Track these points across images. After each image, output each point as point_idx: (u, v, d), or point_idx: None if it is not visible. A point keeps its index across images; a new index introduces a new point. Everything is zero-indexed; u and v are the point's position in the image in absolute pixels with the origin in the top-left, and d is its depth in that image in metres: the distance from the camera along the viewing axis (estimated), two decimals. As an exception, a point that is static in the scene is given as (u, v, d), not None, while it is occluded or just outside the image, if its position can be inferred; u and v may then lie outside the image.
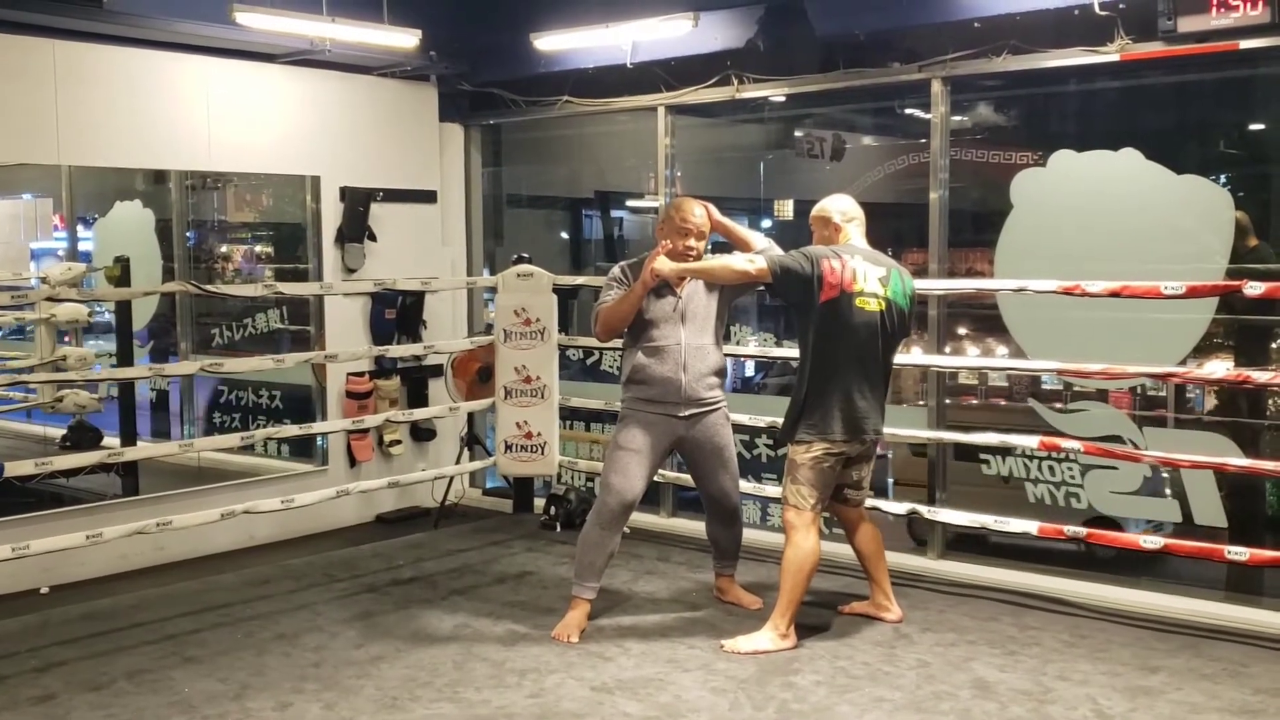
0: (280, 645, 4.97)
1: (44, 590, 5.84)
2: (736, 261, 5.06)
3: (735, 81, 6.62)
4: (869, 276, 4.81)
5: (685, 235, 5.13)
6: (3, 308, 7.11)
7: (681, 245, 5.13)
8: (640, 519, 7.07)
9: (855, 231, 5.01)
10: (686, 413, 5.16)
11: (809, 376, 4.85)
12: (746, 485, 6.46)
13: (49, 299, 6.15)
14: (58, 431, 7.42)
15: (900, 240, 7.16)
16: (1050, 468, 5.82)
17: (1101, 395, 5.82)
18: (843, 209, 5.06)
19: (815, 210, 5.12)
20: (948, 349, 6.17)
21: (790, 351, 6.71)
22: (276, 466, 7.48)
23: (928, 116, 6.05)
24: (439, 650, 4.90)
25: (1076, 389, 5.89)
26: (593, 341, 7.45)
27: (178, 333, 8.21)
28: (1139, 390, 5.81)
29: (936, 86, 5.97)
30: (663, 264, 5.01)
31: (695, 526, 6.77)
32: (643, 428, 5.13)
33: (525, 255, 7.11)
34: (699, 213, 5.18)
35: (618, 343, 5.42)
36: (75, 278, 6.67)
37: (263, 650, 4.91)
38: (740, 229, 5.42)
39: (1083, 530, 5.29)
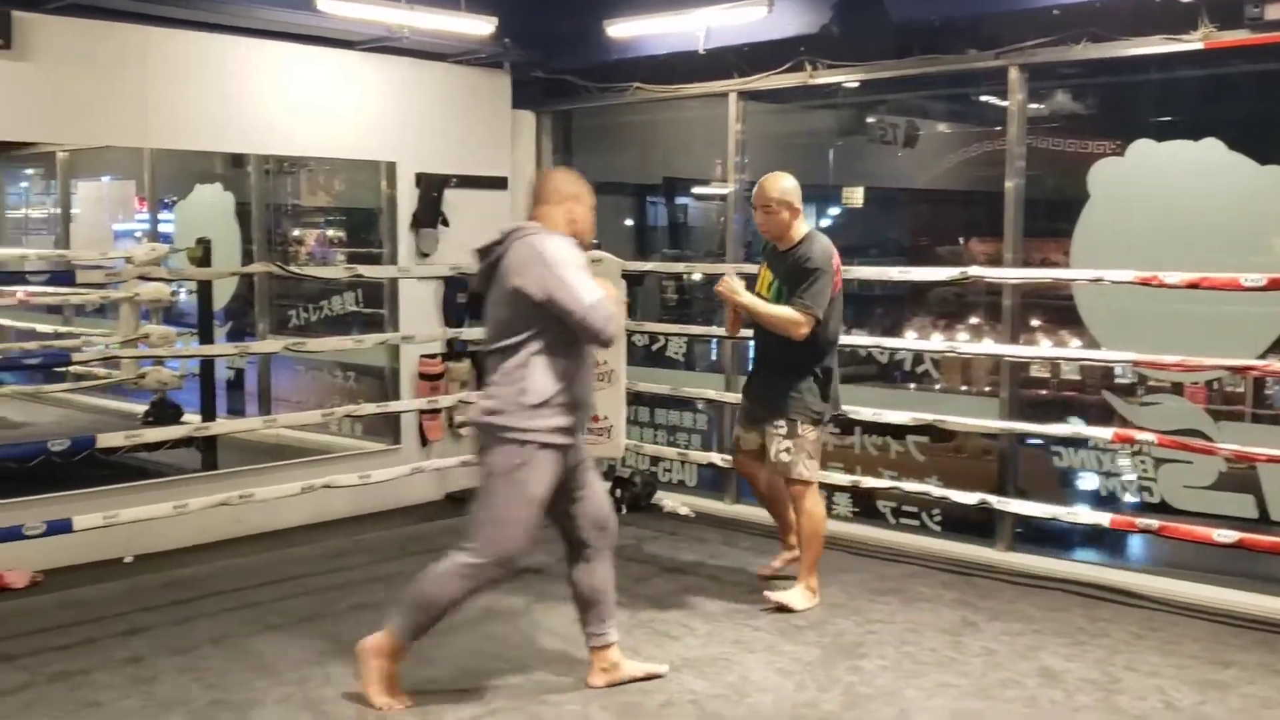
0: (357, 615, 5.08)
1: (128, 559, 6.01)
2: (789, 317, 5.04)
3: (809, 67, 6.62)
4: None
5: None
6: (92, 285, 7.33)
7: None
8: (706, 505, 7.14)
9: None
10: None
11: (823, 359, 5.15)
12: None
13: (140, 278, 6.32)
14: (138, 407, 7.64)
15: (973, 228, 7.14)
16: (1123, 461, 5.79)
17: (1177, 389, 5.76)
18: (799, 193, 5.21)
19: (781, 192, 5.16)
20: (1022, 339, 6.15)
21: (858, 340, 6.74)
22: (349, 445, 7.63)
23: (1003, 104, 6.01)
24: (509, 625, 5.00)
25: (1152, 383, 5.83)
26: (659, 327, 7.54)
27: (255, 314, 8.40)
28: (1215, 385, 5.74)
29: (1014, 74, 5.93)
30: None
31: (760, 513, 6.81)
32: (553, 468, 4.04)
33: (595, 241, 7.17)
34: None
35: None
36: (159, 258, 6.85)
37: (340, 619, 5.06)
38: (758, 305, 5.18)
39: (1154, 523, 5.26)
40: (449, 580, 4.03)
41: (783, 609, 5.14)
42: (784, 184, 5.18)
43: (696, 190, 9.01)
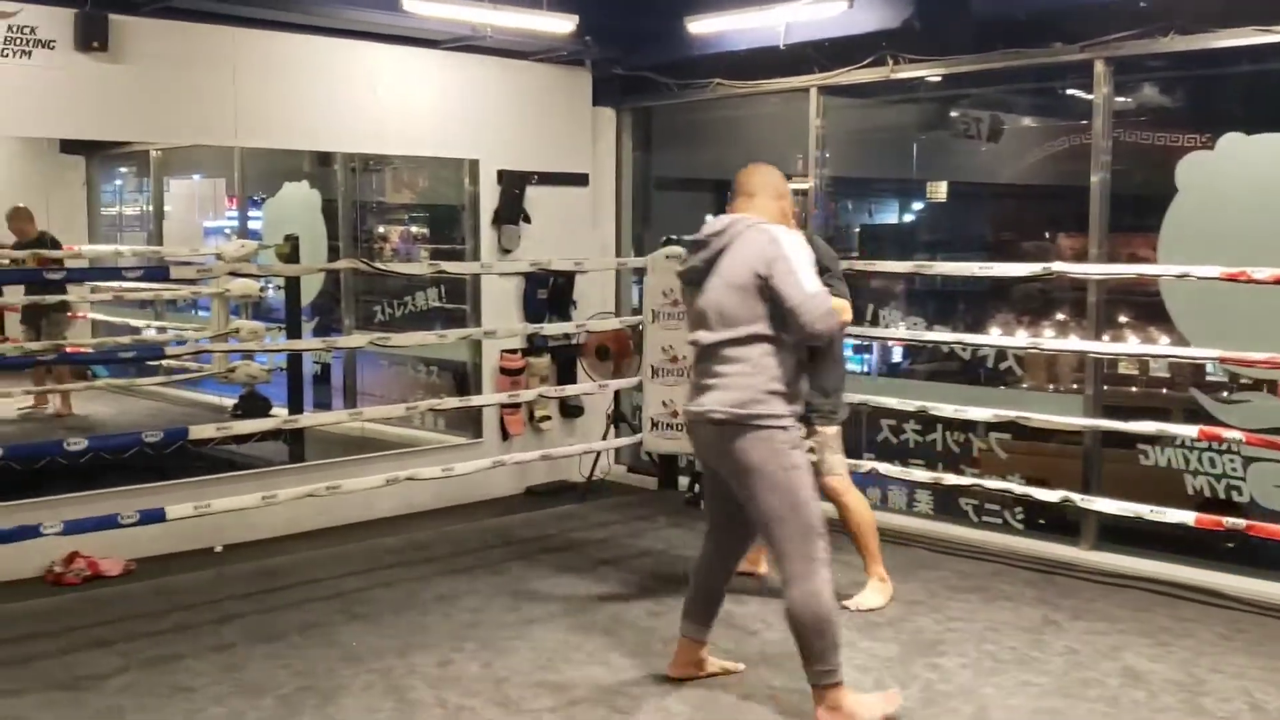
0: (440, 606, 5.21)
1: (218, 549, 6.17)
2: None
3: (890, 62, 6.58)
4: None
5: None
6: (184, 281, 7.52)
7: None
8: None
9: None
10: None
11: (838, 363, 5.20)
12: (893, 470, 6.42)
13: (231, 274, 6.47)
14: (227, 401, 7.81)
15: (1059, 223, 7.04)
16: (1211, 459, 5.68)
17: (1271, 388, 5.63)
18: None
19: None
20: (1107, 336, 6.06)
21: (941, 336, 6.69)
22: (432, 438, 7.74)
23: (1089, 97, 5.94)
24: (589, 616, 5.05)
25: (1244, 380, 5.70)
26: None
27: (341, 309, 8.56)
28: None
29: (1099, 67, 5.85)
30: None
31: (832, 510, 6.81)
32: None
33: (674, 237, 7.22)
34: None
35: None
36: (248, 255, 7.01)
37: (424, 610, 5.16)
38: None
39: (1242, 523, 5.16)
40: (813, 590, 3.80)
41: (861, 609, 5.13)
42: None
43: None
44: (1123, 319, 6.42)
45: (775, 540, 3.87)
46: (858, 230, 9.01)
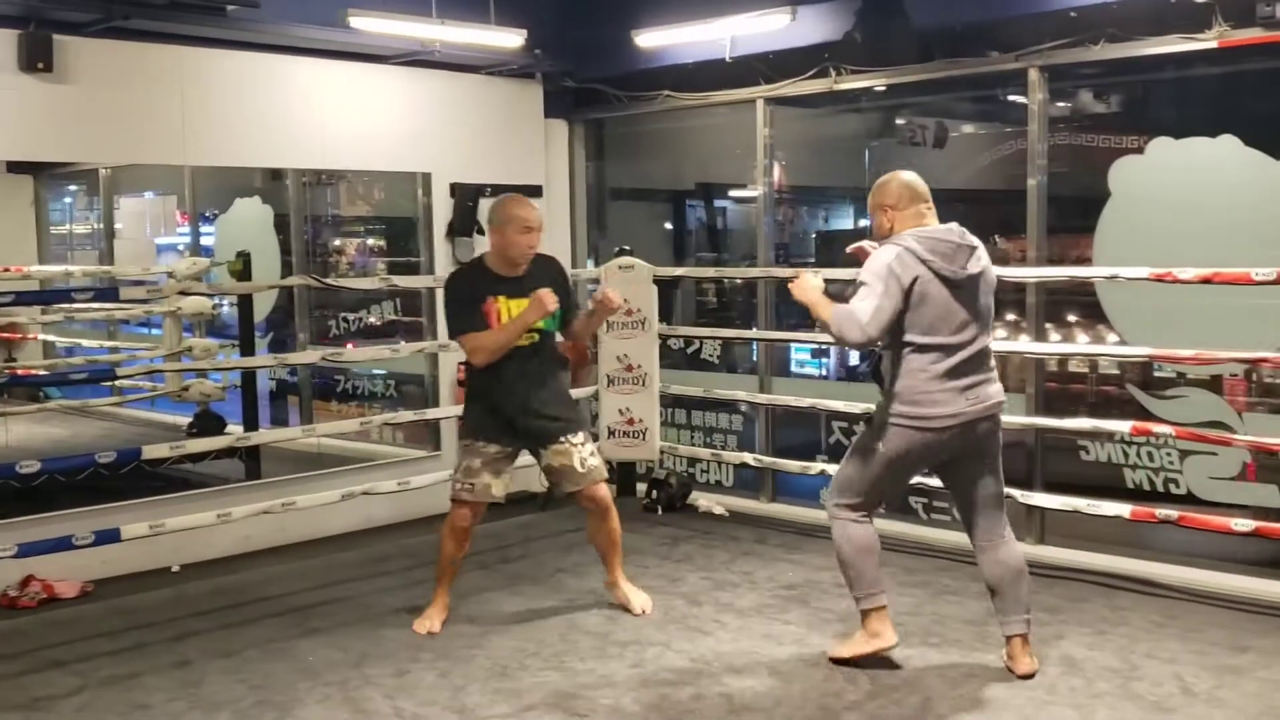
0: (398, 618, 5.25)
1: (175, 568, 6.17)
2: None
3: (833, 73, 6.72)
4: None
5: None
6: (135, 300, 7.52)
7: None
8: (740, 504, 7.26)
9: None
10: None
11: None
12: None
13: (181, 292, 6.48)
14: (182, 420, 7.81)
15: (1006, 226, 7.20)
16: (1149, 454, 5.83)
17: (1215, 383, 5.76)
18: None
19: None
20: (1057, 336, 6.20)
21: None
22: (390, 452, 7.77)
23: (1027, 103, 6.09)
24: (546, 624, 5.13)
25: (1191, 377, 5.85)
26: (696, 330, 7.67)
27: (296, 325, 8.58)
28: (1254, 377, 5.75)
29: (1033, 75, 6.00)
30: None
31: (792, 511, 6.95)
32: None
33: (627, 248, 7.32)
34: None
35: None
36: (200, 272, 7.02)
37: (381, 623, 5.20)
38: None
39: (1174, 513, 5.30)
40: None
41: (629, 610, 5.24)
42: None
43: (733, 194, 9.09)
44: (1071, 318, 6.56)
45: (1002, 504, 4.51)
46: (814, 236, 9.14)
